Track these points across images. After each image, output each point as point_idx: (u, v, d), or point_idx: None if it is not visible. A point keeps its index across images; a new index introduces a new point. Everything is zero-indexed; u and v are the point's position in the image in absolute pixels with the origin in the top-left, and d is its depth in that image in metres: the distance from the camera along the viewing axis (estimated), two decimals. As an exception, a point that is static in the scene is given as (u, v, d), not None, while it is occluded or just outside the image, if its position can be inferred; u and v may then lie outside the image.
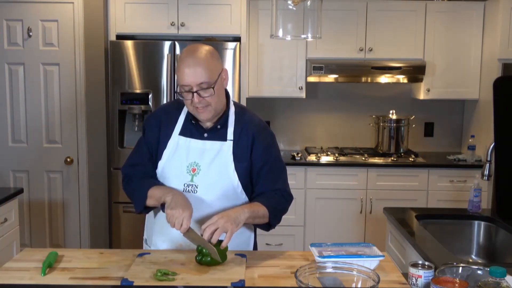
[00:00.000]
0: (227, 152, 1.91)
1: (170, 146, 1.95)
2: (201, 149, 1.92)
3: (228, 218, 1.74)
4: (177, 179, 1.92)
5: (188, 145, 1.93)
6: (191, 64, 1.79)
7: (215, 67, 1.84)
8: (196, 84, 1.79)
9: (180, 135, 1.95)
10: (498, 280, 1.41)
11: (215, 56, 1.87)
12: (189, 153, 1.92)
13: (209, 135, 1.93)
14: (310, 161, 4.07)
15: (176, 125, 1.96)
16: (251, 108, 4.27)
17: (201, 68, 1.79)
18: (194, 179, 1.90)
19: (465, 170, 4.02)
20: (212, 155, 1.90)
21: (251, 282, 1.64)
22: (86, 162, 3.99)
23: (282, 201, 1.98)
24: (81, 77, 3.91)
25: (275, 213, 1.93)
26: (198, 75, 1.79)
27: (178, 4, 3.88)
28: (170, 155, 1.94)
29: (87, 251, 1.95)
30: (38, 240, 4.02)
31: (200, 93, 1.81)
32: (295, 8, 2.15)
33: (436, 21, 4.15)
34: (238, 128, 1.94)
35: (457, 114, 4.58)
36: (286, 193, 2.00)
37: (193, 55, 1.81)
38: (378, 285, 1.44)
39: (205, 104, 1.83)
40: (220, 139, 1.92)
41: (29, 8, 3.84)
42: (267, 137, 1.99)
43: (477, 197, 2.60)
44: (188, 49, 1.85)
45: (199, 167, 1.90)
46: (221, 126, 1.93)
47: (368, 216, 4.04)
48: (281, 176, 2.01)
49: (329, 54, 4.15)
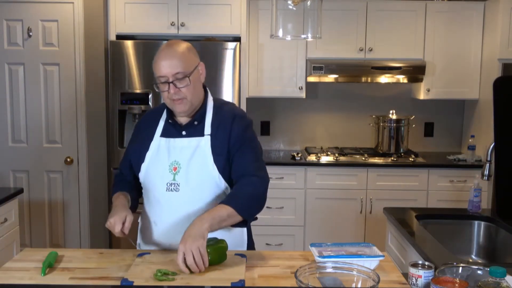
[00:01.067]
0: (205, 147, 1.91)
1: (152, 148, 1.97)
2: (181, 147, 1.93)
3: (192, 238, 1.67)
4: (160, 179, 1.93)
5: (169, 145, 1.95)
6: (167, 56, 1.84)
7: (191, 60, 1.89)
8: (171, 74, 1.83)
9: (162, 136, 1.97)
10: (498, 280, 1.41)
11: (192, 51, 1.92)
12: (170, 152, 1.94)
13: (187, 132, 1.94)
14: (310, 161, 4.07)
15: (157, 127, 2.00)
16: (251, 108, 4.30)
17: (176, 59, 1.84)
18: (176, 177, 1.91)
19: (465, 170, 4.02)
20: (191, 152, 1.91)
21: (251, 282, 1.64)
22: (86, 162, 3.99)
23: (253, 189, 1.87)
24: (81, 77, 3.91)
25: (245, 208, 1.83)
26: (174, 65, 1.83)
27: (178, 4, 3.88)
28: (153, 157, 1.96)
29: (87, 251, 1.95)
30: (38, 240, 4.02)
31: (176, 84, 1.84)
32: (295, 8, 2.15)
33: (436, 21, 4.15)
34: (216, 122, 1.95)
35: (457, 114, 4.58)
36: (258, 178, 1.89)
37: (169, 48, 1.86)
38: (378, 285, 1.44)
39: (181, 96, 1.86)
40: (198, 134, 1.93)
41: (29, 8, 3.84)
42: (244, 121, 1.98)
43: (477, 197, 2.60)
44: (166, 43, 1.91)
45: (179, 165, 1.91)
46: (198, 122, 1.94)
47: (368, 216, 4.04)
48: (254, 160, 1.93)
49: (329, 54, 4.15)
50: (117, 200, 1.96)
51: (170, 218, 1.92)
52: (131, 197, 2.03)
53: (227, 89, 3.84)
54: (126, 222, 1.83)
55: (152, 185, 1.96)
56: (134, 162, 2.02)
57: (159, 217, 1.96)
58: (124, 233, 1.83)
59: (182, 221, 1.88)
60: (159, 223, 1.95)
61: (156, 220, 1.97)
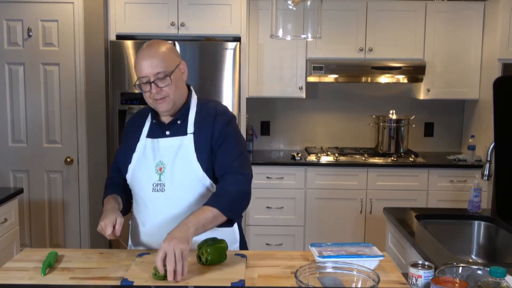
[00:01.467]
0: (188, 146, 1.91)
1: (138, 149, 1.98)
2: (165, 147, 1.93)
3: (177, 240, 1.64)
4: (146, 180, 1.93)
5: (154, 145, 1.95)
6: (148, 56, 1.84)
7: (172, 59, 1.88)
8: (152, 74, 1.83)
9: (148, 137, 1.98)
10: (498, 280, 1.41)
11: (172, 50, 1.91)
12: (155, 153, 1.94)
13: (171, 132, 1.94)
14: (310, 161, 4.07)
15: (143, 128, 2.00)
16: (251, 108, 4.30)
17: (157, 59, 1.84)
18: (161, 177, 1.91)
19: (465, 170, 4.02)
20: (174, 151, 1.91)
21: (251, 282, 1.64)
22: (86, 162, 3.99)
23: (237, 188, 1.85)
24: (81, 77, 3.91)
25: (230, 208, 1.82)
26: (154, 65, 1.83)
27: (178, 4, 3.88)
28: (139, 158, 1.96)
29: (87, 251, 1.95)
30: (38, 240, 4.02)
31: (157, 83, 1.84)
32: (295, 8, 2.15)
33: (436, 21, 4.16)
34: (199, 120, 1.94)
35: (457, 114, 4.58)
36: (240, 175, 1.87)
37: (150, 48, 1.87)
38: (378, 285, 1.44)
39: (163, 95, 1.86)
40: (181, 134, 1.93)
41: (29, 8, 3.84)
42: (226, 117, 1.96)
43: (477, 197, 2.60)
44: (146, 44, 1.91)
45: (164, 165, 1.91)
46: (182, 121, 1.94)
47: (368, 216, 4.04)
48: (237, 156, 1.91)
49: (329, 54, 4.15)
50: (108, 203, 1.96)
51: (157, 219, 1.92)
52: (122, 199, 2.03)
53: (227, 89, 3.84)
54: (116, 224, 1.83)
55: (139, 186, 1.97)
56: (121, 164, 2.02)
57: (146, 217, 1.96)
58: (116, 235, 1.83)
59: (169, 221, 1.88)
60: (147, 223, 1.96)
61: (144, 221, 1.97)
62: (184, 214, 1.83)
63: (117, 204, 1.98)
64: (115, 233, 1.82)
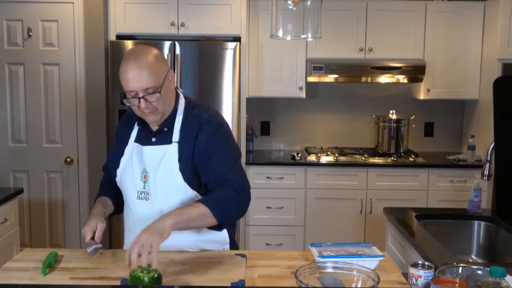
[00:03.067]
0: (172, 155, 1.85)
1: (126, 153, 1.94)
2: (149, 155, 1.88)
3: (150, 232, 1.62)
4: (132, 187, 1.91)
5: (141, 151, 1.90)
6: (135, 69, 1.72)
7: (160, 70, 1.78)
8: (141, 89, 1.73)
9: (135, 142, 1.94)
10: (498, 280, 1.41)
11: (160, 59, 1.80)
12: (141, 159, 1.90)
13: (157, 140, 1.88)
14: (310, 161, 4.07)
15: (132, 132, 1.96)
16: (251, 108, 4.30)
17: (145, 72, 1.72)
18: (145, 185, 1.87)
19: (465, 170, 4.02)
20: (158, 160, 1.86)
21: (251, 282, 1.64)
22: (86, 162, 3.99)
23: (229, 192, 1.79)
24: (81, 77, 3.91)
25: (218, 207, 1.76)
26: (144, 80, 1.72)
27: (178, 4, 3.88)
28: (127, 163, 1.93)
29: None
30: (38, 240, 4.02)
31: (146, 98, 1.75)
32: (295, 8, 2.15)
33: (436, 21, 4.15)
34: (184, 128, 1.87)
35: (457, 114, 4.58)
36: (236, 185, 1.82)
37: (136, 59, 1.74)
38: (378, 285, 1.44)
39: (152, 109, 1.79)
40: (166, 142, 1.87)
41: (29, 8, 3.83)
42: (211, 126, 1.87)
43: (477, 197, 2.60)
44: (130, 52, 1.80)
45: (147, 173, 1.87)
46: (168, 129, 1.88)
47: (368, 216, 4.04)
48: (229, 166, 1.85)
49: (329, 54, 4.15)
50: (95, 207, 1.94)
51: (141, 226, 1.82)
52: (114, 200, 2.01)
53: (227, 89, 3.84)
54: (97, 231, 1.80)
55: (125, 192, 1.95)
56: (111, 167, 1.99)
57: (132, 223, 1.94)
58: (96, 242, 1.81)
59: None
60: (132, 229, 1.92)
61: (130, 226, 1.95)
62: None
63: (103, 208, 1.94)
64: (95, 239, 1.80)
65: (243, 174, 1.90)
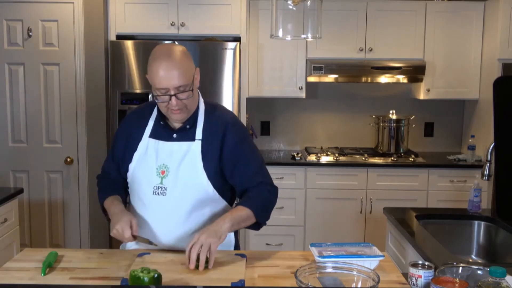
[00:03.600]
0: (195, 152, 1.88)
1: (140, 148, 1.93)
2: (170, 151, 1.89)
3: (209, 233, 1.72)
4: (147, 182, 1.90)
5: (158, 147, 1.91)
6: (167, 67, 1.75)
7: (190, 68, 1.82)
8: (173, 87, 1.77)
9: (150, 137, 1.93)
10: (498, 280, 1.41)
11: (189, 56, 1.84)
12: (158, 155, 1.90)
13: (178, 136, 1.90)
14: (310, 161, 4.07)
15: (146, 127, 1.95)
16: (251, 108, 4.30)
17: (177, 71, 1.76)
18: (163, 181, 1.88)
19: (465, 170, 4.02)
20: (180, 156, 1.88)
21: (251, 282, 1.64)
22: (86, 162, 3.99)
23: (267, 195, 1.94)
24: (81, 77, 3.91)
25: (262, 210, 1.90)
26: (175, 78, 1.76)
27: (178, 4, 3.88)
28: (141, 158, 1.93)
29: (87, 251, 1.95)
30: (38, 240, 4.02)
31: (178, 96, 1.79)
32: (295, 8, 2.15)
33: (436, 21, 4.15)
34: (207, 127, 1.91)
35: (457, 114, 4.58)
36: (269, 186, 1.96)
37: (168, 58, 1.77)
38: (378, 285, 1.44)
39: (181, 106, 1.82)
40: (189, 139, 1.90)
41: (29, 8, 3.83)
42: (238, 132, 1.95)
43: (477, 197, 2.60)
44: (161, 50, 1.81)
45: (168, 169, 1.88)
46: (190, 126, 1.91)
47: (368, 216, 4.04)
48: (260, 169, 1.97)
49: (329, 54, 4.15)
50: (114, 206, 1.91)
51: (155, 221, 1.90)
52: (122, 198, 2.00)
53: (227, 89, 3.84)
54: (133, 225, 1.80)
55: (138, 187, 1.94)
56: (121, 162, 1.98)
57: (145, 219, 1.93)
58: (135, 237, 1.81)
59: (167, 224, 1.87)
60: (145, 225, 1.92)
61: (141, 222, 1.94)
62: (183, 218, 1.85)
63: (123, 205, 1.95)
64: (133, 233, 1.80)
65: (269, 174, 2.01)
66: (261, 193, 1.93)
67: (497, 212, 2.34)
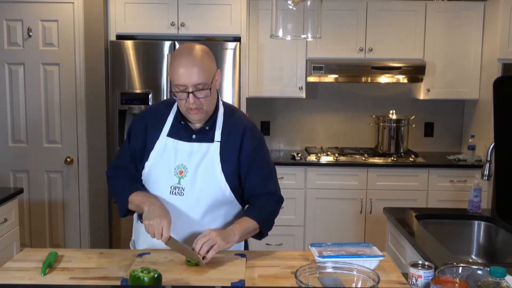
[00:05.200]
0: (214, 154, 1.89)
1: (157, 147, 1.92)
2: (189, 151, 1.90)
3: (220, 234, 1.77)
4: (164, 181, 1.90)
5: (176, 146, 1.91)
6: (188, 64, 1.77)
7: (211, 68, 1.83)
8: (192, 84, 1.78)
9: (168, 136, 1.92)
10: (498, 280, 1.41)
11: (211, 56, 1.85)
12: (177, 155, 1.90)
13: (197, 137, 1.91)
14: (310, 161, 4.07)
15: (164, 126, 1.94)
16: (251, 108, 4.30)
17: (197, 68, 1.77)
18: (181, 181, 1.88)
19: (465, 170, 4.01)
20: (200, 157, 1.88)
21: (251, 282, 1.64)
22: (86, 162, 3.99)
23: (273, 206, 2.00)
24: (81, 77, 3.91)
25: (268, 223, 1.96)
26: (195, 75, 1.77)
27: (178, 4, 3.88)
28: (158, 157, 1.92)
29: (87, 251, 1.95)
30: (38, 240, 4.02)
31: (196, 94, 1.79)
32: (295, 8, 2.15)
33: (436, 21, 4.15)
34: (226, 129, 1.92)
35: (457, 114, 4.58)
36: (276, 197, 2.02)
37: (189, 55, 1.79)
38: (378, 285, 1.44)
39: (199, 105, 1.82)
40: (208, 140, 1.90)
41: (29, 8, 3.84)
42: (255, 138, 1.96)
43: (477, 197, 2.60)
44: (183, 48, 1.83)
45: (186, 169, 1.88)
46: (210, 128, 1.91)
47: (368, 216, 4.04)
48: (271, 179, 2.01)
49: (329, 54, 4.15)
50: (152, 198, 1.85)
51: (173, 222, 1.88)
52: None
53: (227, 89, 3.84)
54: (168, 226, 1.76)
55: (154, 186, 1.93)
56: (138, 159, 1.96)
57: None
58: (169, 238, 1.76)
59: (182, 225, 1.87)
60: None
61: None
62: (200, 219, 1.86)
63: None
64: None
65: (279, 185, 2.06)
66: (270, 204, 1.98)
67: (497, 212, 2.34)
